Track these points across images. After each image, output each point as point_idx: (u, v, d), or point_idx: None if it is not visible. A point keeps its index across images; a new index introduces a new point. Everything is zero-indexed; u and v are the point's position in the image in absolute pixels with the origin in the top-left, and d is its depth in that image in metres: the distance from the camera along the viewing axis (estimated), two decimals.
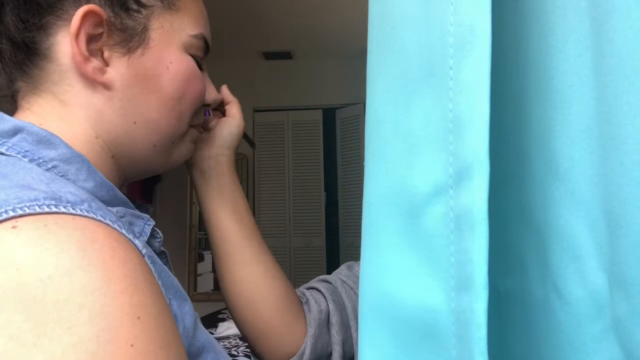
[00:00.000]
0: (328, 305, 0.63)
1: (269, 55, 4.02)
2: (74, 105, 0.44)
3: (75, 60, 0.42)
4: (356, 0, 2.96)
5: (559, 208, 0.29)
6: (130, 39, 0.44)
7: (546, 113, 0.29)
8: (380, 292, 0.29)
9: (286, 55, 4.03)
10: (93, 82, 0.43)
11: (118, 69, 0.44)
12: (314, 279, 0.70)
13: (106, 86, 0.44)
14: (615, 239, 0.25)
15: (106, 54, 0.44)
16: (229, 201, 0.62)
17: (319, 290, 0.65)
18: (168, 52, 0.46)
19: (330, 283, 0.67)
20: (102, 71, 0.43)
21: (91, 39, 0.43)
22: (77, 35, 0.41)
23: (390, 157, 0.29)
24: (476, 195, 0.24)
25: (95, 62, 0.43)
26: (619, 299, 0.25)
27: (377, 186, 0.30)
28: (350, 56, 3.87)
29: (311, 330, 0.61)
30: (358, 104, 3.94)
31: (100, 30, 0.43)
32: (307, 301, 0.63)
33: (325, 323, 0.62)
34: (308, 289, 0.67)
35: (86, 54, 0.42)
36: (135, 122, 0.46)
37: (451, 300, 0.25)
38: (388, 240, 0.29)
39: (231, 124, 0.62)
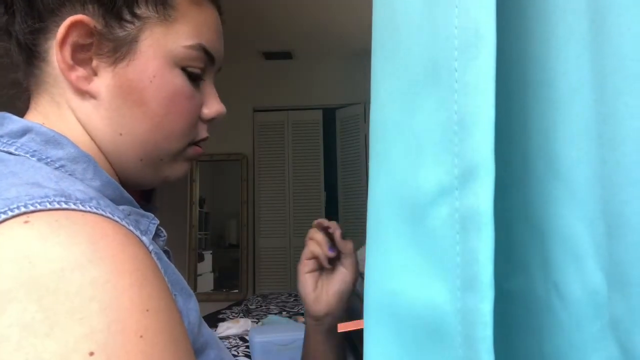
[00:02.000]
0: None
1: (269, 55, 4.02)
2: (67, 108, 0.45)
3: (60, 67, 0.43)
4: (356, 0, 2.96)
5: (559, 208, 0.29)
6: (118, 49, 0.44)
7: (547, 114, 0.29)
8: (385, 292, 0.29)
9: (286, 55, 4.03)
10: (80, 90, 0.44)
11: (104, 79, 0.45)
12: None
13: (92, 95, 0.45)
14: (613, 239, 0.25)
15: (94, 63, 0.44)
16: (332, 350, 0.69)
17: None
18: (154, 65, 0.45)
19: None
20: (88, 80, 0.44)
21: (80, 48, 0.43)
22: (61, 44, 0.42)
23: (395, 158, 0.30)
24: (482, 196, 0.24)
25: (80, 71, 0.44)
26: (617, 298, 0.25)
27: (382, 187, 0.31)
28: (350, 56, 3.87)
29: None
30: (358, 104, 3.94)
31: (89, 40, 0.43)
32: None
33: None
34: None
35: (70, 62, 0.43)
36: (121, 134, 0.45)
37: (457, 300, 0.25)
38: (393, 241, 0.29)
39: (345, 280, 0.69)
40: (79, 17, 0.42)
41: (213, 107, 0.51)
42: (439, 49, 0.27)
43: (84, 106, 0.45)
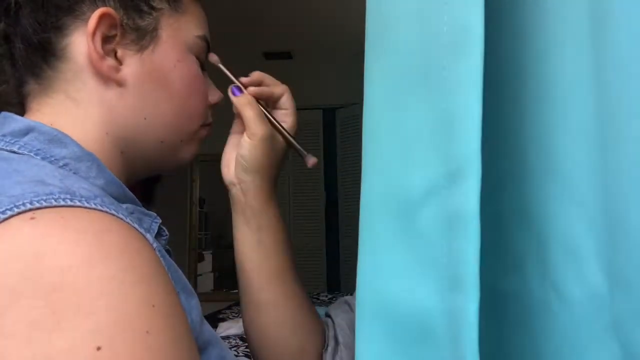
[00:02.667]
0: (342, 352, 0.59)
1: (269, 55, 4.02)
2: (87, 103, 0.45)
3: (91, 58, 0.44)
4: (356, 1, 2.96)
5: (557, 208, 0.29)
6: (143, 37, 0.47)
7: (544, 112, 0.29)
8: (376, 292, 0.29)
9: (286, 55, 4.03)
10: (107, 80, 0.45)
11: (131, 67, 0.46)
12: (340, 300, 0.66)
13: (119, 83, 0.46)
14: (615, 239, 0.25)
15: (119, 53, 0.46)
16: (253, 234, 0.58)
17: (335, 329, 0.62)
18: (175, 50, 0.49)
19: (353, 311, 0.62)
20: (117, 69, 0.46)
21: (106, 40, 0.45)
22: (93, 35, 0.44)
23: (386, 157, 0.29)
24: (468, 195, 0.24)
25: (109, 61, 0.45)
26: (619, 299, 0.25)
27: (374, 187, 0.30)
28: (350, 56, 3.87)
29: None
30: (358, 104, 3.93)
31: (114, 32, 0.45)
32: (327, 347, 0.60)
33: None
34: (330, 316, 0.64)
35: (101, 52, 0.44)
36: (145, 118, 0.48)
37: (445, 300, 0.25)
38: (383, 241, 0.29)
39: (241, 144, 0.55)
40: (107, 9, 0.44)
41: (215, 94, 0.55)
42: (428, 46, 0.27)
43: (107, 97, 0.46)
